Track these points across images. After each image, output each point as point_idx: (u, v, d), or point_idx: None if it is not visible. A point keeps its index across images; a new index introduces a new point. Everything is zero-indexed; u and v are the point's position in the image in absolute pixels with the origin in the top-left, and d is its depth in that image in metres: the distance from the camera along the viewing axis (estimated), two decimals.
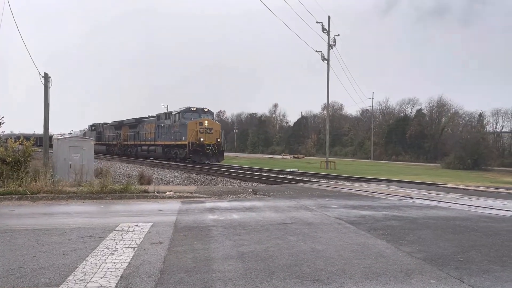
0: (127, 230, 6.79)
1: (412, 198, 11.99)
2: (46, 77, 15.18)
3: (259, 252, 5.51)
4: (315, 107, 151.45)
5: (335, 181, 19.70)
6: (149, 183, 15.73)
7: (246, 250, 5.61)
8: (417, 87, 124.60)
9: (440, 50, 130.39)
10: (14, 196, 10.61)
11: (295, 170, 29.01)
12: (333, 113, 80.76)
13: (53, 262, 4.92)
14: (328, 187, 15.33)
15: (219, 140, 31.79)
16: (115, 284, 4.17)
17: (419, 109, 70.33)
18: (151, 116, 40.95)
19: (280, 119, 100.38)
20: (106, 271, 4.58)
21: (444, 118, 66.78)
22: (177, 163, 30.91)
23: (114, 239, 6.14)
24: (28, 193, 10.75)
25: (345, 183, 18.08)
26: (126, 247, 5.67)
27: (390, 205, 10.37)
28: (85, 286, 4.13)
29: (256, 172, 26.14)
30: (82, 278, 4.34)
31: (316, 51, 36.92)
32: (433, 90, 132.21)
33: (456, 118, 65.12)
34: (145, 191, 11.83)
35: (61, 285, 4.14)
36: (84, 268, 4.71)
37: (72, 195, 11.00)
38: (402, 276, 4.55)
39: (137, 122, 42.16)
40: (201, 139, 30.67)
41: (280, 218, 8.27)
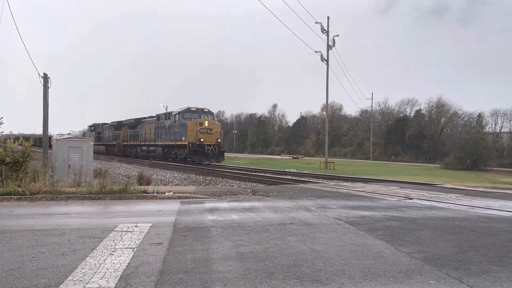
0: (126, 231, 6.79)
1: (411, 199, 12.00)
2: (45, 78, 15.17)
3: (259, 252, 5.51)
4: (315, 107, 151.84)
5: (334, 181, 19.71)
6: (148, 183, 15.71)
7: (245, 250, 5.61)
8: (416, 88, 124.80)
9: (439, 50, 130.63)
10: (13, 196, 10.60)
11: (294, 170, 29.01)
12: (332, 114, 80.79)
13: (52, 263, 4.92)
14: (327, 188, 15.34)
15: (219, 140, 31.75)
16: (114, 285, 4.17)
17: (418, 109, 70.43)
18: (151, 117, 40.87)
19: (280, 119, 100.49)
20: (105, 272, 4.58)
21: (443, 119, 66.85)
22: (176, 164, 30.88)
23: (113, 240, 6.14)
24: (27, 193, 10.75)
25: (344, 183, 18.09)
26: (125, 248, 5.66)
27: (389, 206, 10.38)
28: (84, 286, 4.13)
29: (255, 172, 26.14)
30: (81, 279, 4.34)
31: (315, 51, 36.87)
32: (432, 91, 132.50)
33: (455, 118, 65.20)
34: (145, 192, 11.83)
35: (60, 286, 4.14)
36: (83, 268, 4.71)
37: (71, 196, 11.00)
38: (402, 276, 4.56)
39: (137, 122, 42.08)
40: (201, 140, 30.62)
41: (279, 218, 8.27)
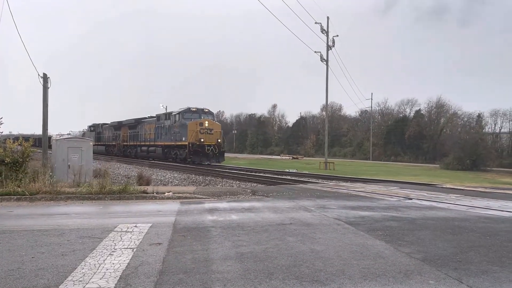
0: (126, 231, 6.79)
1: (411, 199, 12.01)
2: (45, 78, 15.17)
3: (258, 252, 5.51)
4: (314, 107, 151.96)
5: (334, 181, 19.71)
6: (148, 183, 15.71)
7: (245, 251, 5.61)
8: (416, 88, 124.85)
9: (439, 50, 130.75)
10: (12, 196, 10.60)
11: (294, 170, 29.02)
12: (332, 114, 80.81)
13: (52, 263, 4.92)
14: (327, 188, 15.34)
15: (219, 140, 31.71)
16: (114, 285, 4.17)
17: (418, 109, 70.50)
18: (150, 117, 40.85)
19: (279, 119, 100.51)
20: (105, 272, 4.58)
21: (443, 119, 66.92)
22: (176, 164, 30.86)
23: (113, 240, 6.14)
24: (26, 193, 10.74)
25: (344, 183, 18.09)
26: (125, 248, 5.66)
27: (389, 206, 10.38)
28: (84, 287, 4.12)
29: (255, 172, 26.14)
30: (81, 279, 4.34)
31: (315, 51, 36.79)
32: (432, 91, 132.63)
33: (454, 118, 65.26)
34: (144, 192, 11.83)
35: (60, 286, 4.14)
36: (83, 269, 4.71)
37: (71, 196, 10.99)
38: (401, 276, 4.56)
39: (137, 122, 42.04)
40: (202, 140, 30.59)
41: (279, 218, 8.27)
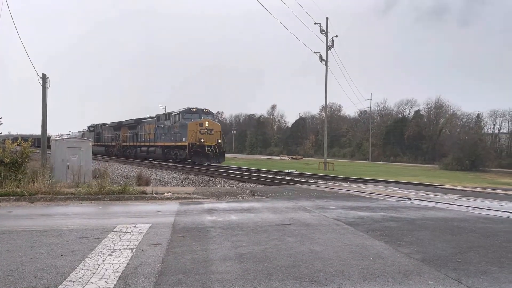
0: (125, 231, 6.79)
1: (410, 199, 12.01)
2: (44, 78, 15.16)
3: (258, 253, 5.51)
4: (314, 108, 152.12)
5: (333, 182, 19.71)
6: (147, 184, 15.70)
7: (244, 251, 5.61)
8: (415, 88, 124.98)
9: (438, 50, 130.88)
10: (12, 197, 10.59)
11: (293, 171, 29.02)
12: (331, 114, 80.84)
13: (51, 264, 4.91)
14: (326, 188, 15.35)
15: (219, 141, 31.66)
16: (113, 286, 4.17)
17: (417, 110, 70.62)
18: (150, 117, 40.80)
19: (279, 120, 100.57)
20: (104, 273, 4.57)
21: (442, 119, 67.00)
22: (175, 164, 30.82)
23: (112, 241, 6.14)
24: (26, 194, 10.73)
25: (343, 184, 18.10)
26: (124, 249, 5.66)
27: (388, 206, 10.38)
28: (83, 287, 4.12)
29: (254, 173, 26.13)
30: (80, 280, 4.34)
31: (314, 52, 36.83)
32: (431, 91, 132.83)
33: (454, 119, 65.34)
34: (143, 192, 11.82)
35: (59, 287, 4.14)
36: (82, 269, 4.70)
37: (70, 196, 10.99)
38: (400, 277, 4.56)
39: (136, 123, 41.97)
40: (202, 140, 30.53)
41: (278, 219, 8.27)
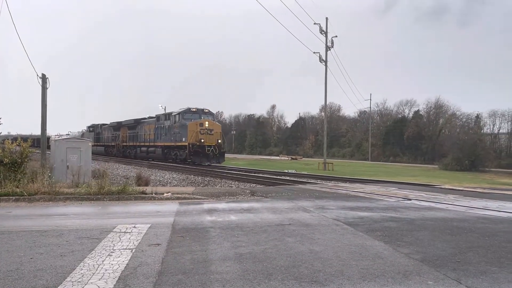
0: (124, 232, 6.78)
1: (409, 200, 12.02)
2: (44, 78, 15.15)
3: (257, 253, 5.51)
4: (313, 108, 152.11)
5: (333, 182, 19.71)
6: (146, 184, 15.69)
7: (244, 251, 5.61)
8: (415, 89, 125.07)
9: (438, 50, 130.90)
10: (11, 197, 10.58)
11: (293, 171, 29.03)
12: (331, 114, 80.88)
13: (50, 264, 4.91)
14: (326, 189, 15.35)
15: (219, 141, 31.62)
16: (112, 286, 4.16)
17: (417, 110, 70.73)
18: (150, 117, 40.77)
19: (278, 120, 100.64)
20: (103, 273, 4.57)
21: (441, 120, 67.08)
22: (175, 164, 30.78)
23: (112, 241, 6.13)
24: (25, 194, 10.73)
25: (343, 184, 18.10)
26: (123, 249, 5.66)
27: (388, 207, 10.39)
28: (82, 287, 4.12)
29: (254, 173, 26.12)
30: (79, 280, 4.33)
31: (314, 52, 36.84)
32: (431, 92, 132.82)
33: (453, 119, 65.41)
34: (143, 193, 11.82)
35: (59, 287, 4.13)
36: (81, 269, 4.70)
37: (69, 197, 10.98)
38: (400, 277, 4.56)
39: (136, 123, 41.93)
40: (202, 140, 30.49)
41: (278, 219, 8.27)
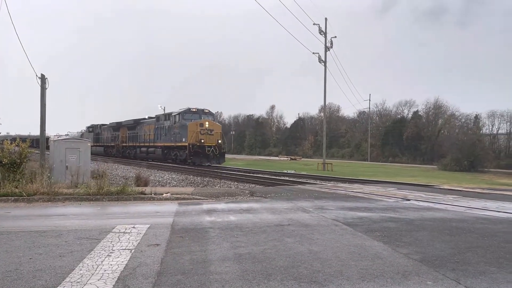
0: (124, 232, 6.78)
1: (408, 200, 12.03)
2: (43, 79, 15.13)
3: (256, 253, 5.51)
4: (312, 108, 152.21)
5: (332, 182, 19.72)
6: (146, 184, 15.69)
7: (243, 251, 5.61)
8: (414, 89, 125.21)
9: (437, 51, 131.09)
10: (10, 197, 10.56)
11: (292, 171, 29.03)
12: (330, 115, 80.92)
13: (49, 264, 4.90)
14: (325, 189, 15.35)
15: (219, 141, 31.58)
16: (111, 286, 4.16)
17: (416, 111, 70.84)
18: (150, 118, 40.74)
19: (277, 120, 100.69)
20: (103, 273, 4.57)
21: (440, 120, 67.18)
22: (174, 165, 30.74)
23: (111, 241, 6.13)
24: (24, 194, 10.71)
25: (342, 184, 18.11)
26: (123, 249, 5.65)
27: (387, 207, 10.39)
28: None
29: (253, 173, 26.11)
30: (78, 280, 4.33)
31: (313, 53, 36.88)
32: (430, 92, 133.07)
33: (452, 120, 65.51)
34: (142, 193, 11.81)
35: (58, 287, 4.13)
36: (80, 270, 4.69)
37: (68, 197, 10.97)
38: (399, 277, 4.56)
39: (136, 123, 41.89)
40: (202, 141, 30.43)
41: (277, 219, 8.27)
